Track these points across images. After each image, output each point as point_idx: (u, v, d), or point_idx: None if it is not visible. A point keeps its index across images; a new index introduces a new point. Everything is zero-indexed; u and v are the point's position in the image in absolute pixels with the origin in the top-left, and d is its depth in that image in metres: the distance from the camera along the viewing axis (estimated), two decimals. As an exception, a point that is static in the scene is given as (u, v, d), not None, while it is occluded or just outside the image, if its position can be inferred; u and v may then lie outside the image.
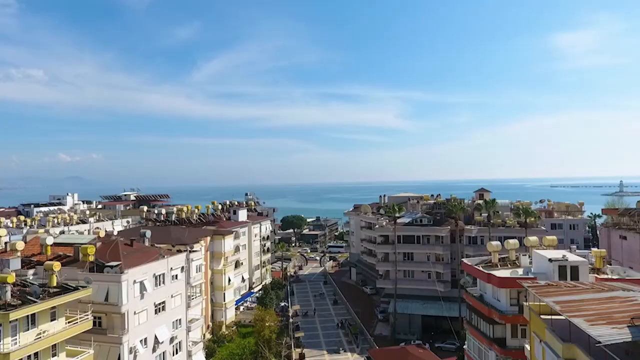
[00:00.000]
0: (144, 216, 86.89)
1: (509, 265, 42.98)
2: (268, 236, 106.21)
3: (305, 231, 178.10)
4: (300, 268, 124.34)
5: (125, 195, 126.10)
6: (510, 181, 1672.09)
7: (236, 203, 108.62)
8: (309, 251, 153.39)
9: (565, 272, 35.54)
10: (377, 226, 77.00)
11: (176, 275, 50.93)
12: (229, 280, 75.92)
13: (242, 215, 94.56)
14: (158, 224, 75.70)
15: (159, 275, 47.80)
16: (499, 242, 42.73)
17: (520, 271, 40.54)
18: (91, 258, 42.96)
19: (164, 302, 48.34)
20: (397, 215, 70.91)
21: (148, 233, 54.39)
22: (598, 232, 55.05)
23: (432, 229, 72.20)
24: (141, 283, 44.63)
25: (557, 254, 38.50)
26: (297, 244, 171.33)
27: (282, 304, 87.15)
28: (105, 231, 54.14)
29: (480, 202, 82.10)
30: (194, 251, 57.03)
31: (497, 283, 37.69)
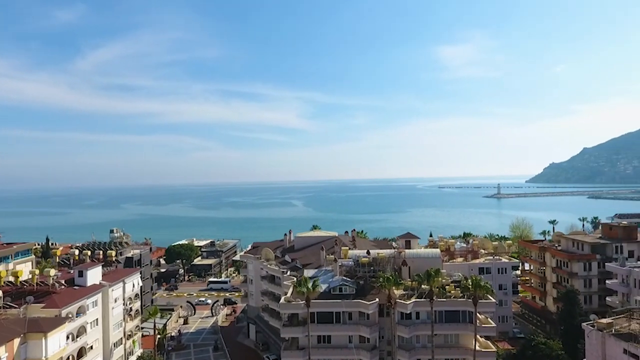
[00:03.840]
0: None
1: None
2: (137, 294, 79.76)
3: (197, 260, 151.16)
4: (186, 321, 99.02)
5: None
6: (403, 181, 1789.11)
7: (89, 255, 79.62)
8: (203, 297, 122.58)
9: None
10: (282, 300, 56.66)
11: None
12: (58, 396, 49.64)
13: (93, 276, 67.41)
14: None
15: None
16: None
17: None
18: None
19: None
20: (311, 294, 51.49)
21: None
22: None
23: (356, 303, 54.23)
24: None
25: None
26: (187, 277, 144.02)
27: (152, 401, 62.82)
28: None
29: (407, 255, 66.68)
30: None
31: None
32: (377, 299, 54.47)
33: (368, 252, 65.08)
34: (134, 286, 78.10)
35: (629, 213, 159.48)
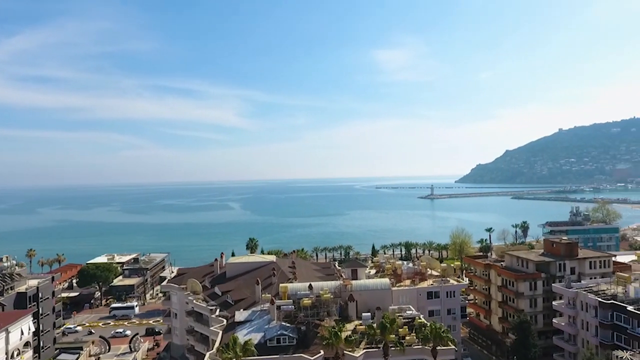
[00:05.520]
0: None
1: None
2: (29, 342, 65.15)
3: (118, 280, 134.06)
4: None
5: None
6: (341, 181, 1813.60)
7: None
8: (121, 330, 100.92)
9: None
10: (206, 357, 46.50)
11: None
12: None
13: (-39, 330, 52.65)
14: None
15: None
16: None
17: None
18: None
19: None
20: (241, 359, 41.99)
21: None
22: None
23: (297, 358, 45.59)
24: None
25: None
26: (104, 301, 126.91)
27: None
28: None
29: (355, 287, 59.37)
30: None
31: None
32: (322, 351, 46.28)
33: (310, 287, 56.77)
34: (22, 333, 63.55)
35: (557, 221, 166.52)
